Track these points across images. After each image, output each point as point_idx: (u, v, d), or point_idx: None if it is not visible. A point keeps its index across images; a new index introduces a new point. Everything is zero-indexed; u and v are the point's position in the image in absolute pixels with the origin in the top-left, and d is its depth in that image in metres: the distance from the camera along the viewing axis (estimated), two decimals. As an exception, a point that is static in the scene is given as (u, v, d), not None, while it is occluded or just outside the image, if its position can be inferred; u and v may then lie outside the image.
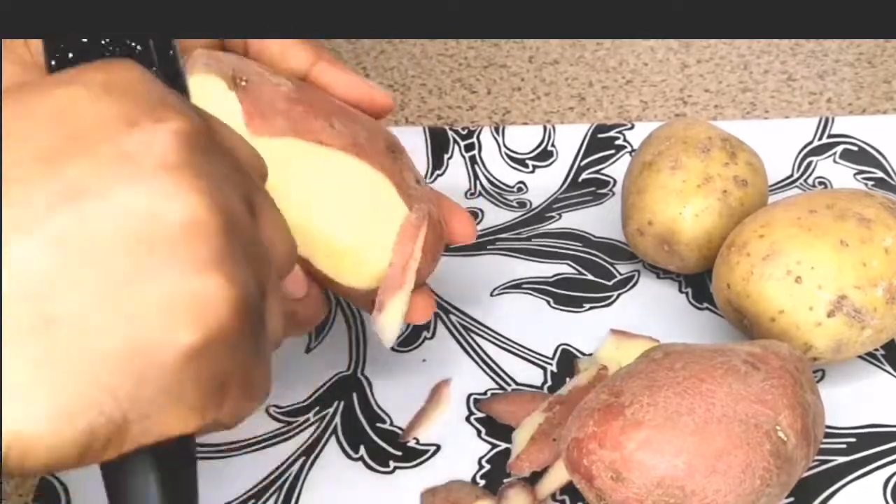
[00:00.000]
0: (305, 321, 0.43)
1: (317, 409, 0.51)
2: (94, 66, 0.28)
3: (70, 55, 0.35)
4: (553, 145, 0.67)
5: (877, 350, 0.52)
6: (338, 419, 0.50)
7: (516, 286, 0.58)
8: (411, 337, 0.55)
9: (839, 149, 0.66)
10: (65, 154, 0.25)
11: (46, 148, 0.25)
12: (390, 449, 0.49)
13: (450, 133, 0.67)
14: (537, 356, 0.53)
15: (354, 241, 0.44)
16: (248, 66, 0.45)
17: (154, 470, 0.28)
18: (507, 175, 0.67)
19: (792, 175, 0.65)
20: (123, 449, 0.26)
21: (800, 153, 0.66)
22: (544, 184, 0.66)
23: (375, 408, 0.51)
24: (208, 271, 0.26)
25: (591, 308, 0.56)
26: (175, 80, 0.35)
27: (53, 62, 0.35)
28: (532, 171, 0.66)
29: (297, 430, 0.50)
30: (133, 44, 0.35)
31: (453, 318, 0.56)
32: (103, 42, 0.35)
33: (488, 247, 0.61)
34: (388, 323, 0.45)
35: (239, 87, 0.44)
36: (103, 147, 0.26)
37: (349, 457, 0.49)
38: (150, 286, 0.25)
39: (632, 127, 0.67)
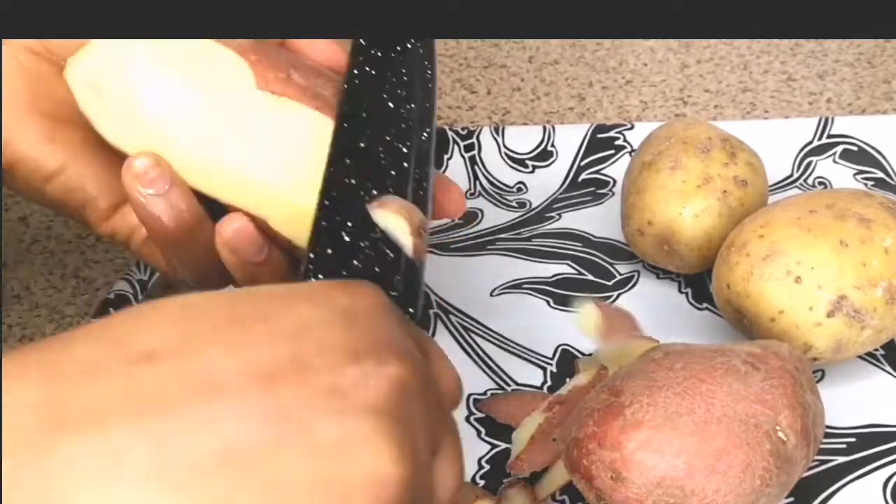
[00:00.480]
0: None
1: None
2: (340, 285, 0.30)
3: (329, 251, 0.38)
4: (553, 145, 0.67)
5: (877, 350, 0.52)
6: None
7: (516, 286, 0.58)
8: (411, 337, 0.55)
9: (839, 149, 0.66)
10: (283, 377, 0.26)
11: (267, 366, 0.26)
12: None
13: (449, 133, 0.67)
14: (537, 356, 0.53)
15: (312, 200, 0.43)
16: None
17: None
18: (507, 175, 0.67)
19: (792, 175, 0.65)
20: None
21: (800, 153, 0.66)
22: (544, 184, 0.66)
23: (375, 408, 0.51)
24: None
25: (591, 308, 0.56)
26: (412, 289, 0.38)
27: (312, 255, 0.38)
28: (532, 172, 0.67)
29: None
30: (387, 251, 0.38)
31: (453, 318, 0.56)
32: (362, 244, 0.38)
33: (488, 247, 0.61)
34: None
35: None
36: (321, 376, 0.26)
37: (349, 457, 0.49)
38: None
39: (632, 127, 0.67)
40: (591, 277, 0.59)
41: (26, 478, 0.23)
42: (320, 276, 0.38)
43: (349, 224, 0.39)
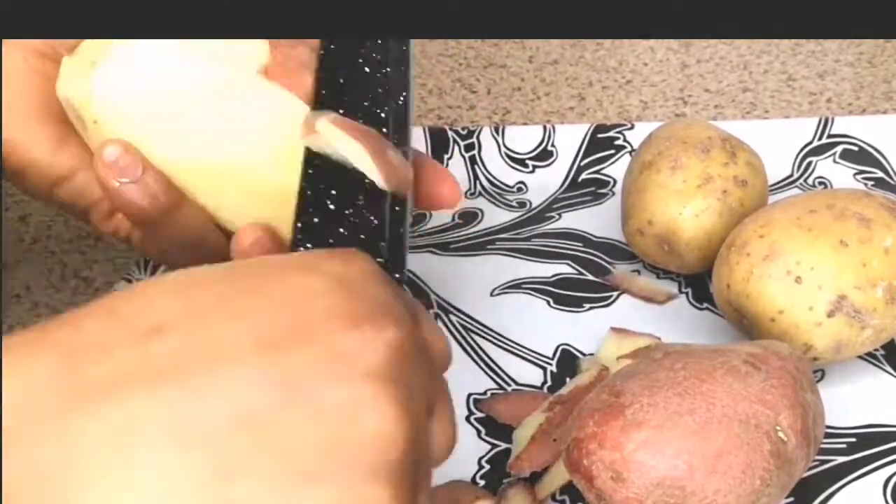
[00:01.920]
0: None
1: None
2: (332, 254, 0.31)
3: (315, 220, 0.38)
4: (553, 145, 0.67)
5: (877, 350, 0.52)
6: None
7: (516, 286, 0.58)
8: (411, 337, 0.55)
9: (839, 149, 0.66)
10: (287, 345, 0.27)
11: (270, 335, 0.27)
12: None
13: (450, 133, 0.67)
14: (537, 356, 0.53)
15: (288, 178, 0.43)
16: None
17: None
18: (507, 175, 0.67)
19: (792, 175, 0.65)
20: None
21: (800, 153, 0.66)
22: (544, 184, 0.66)
23: (375, 408, 0.51)
24: (379, 482, 0.27)
25: (591, 308, 0.56)
26: (398, 253, 0.38)
27: (300, 224, 0.38)
28: (532, 171, 0.67)
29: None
30: (372, 217, 0.39)
31: (453, 318, 0.56)
32: (346, 212, 0.39)
33: (488, 247, 0.61)
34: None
35: None
36: (324, 343, 0.27)
37: (349, 457, 0.49)
38: (327, 484, 0.26)
39: (632, 127, 0.67)
40: (591, 277, 0.59)
41: (48, 447, 0.24)
42: (308, 246, 0.38)
43: (333, 192, 0.39)
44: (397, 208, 0.40)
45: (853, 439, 0.48)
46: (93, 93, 0.42)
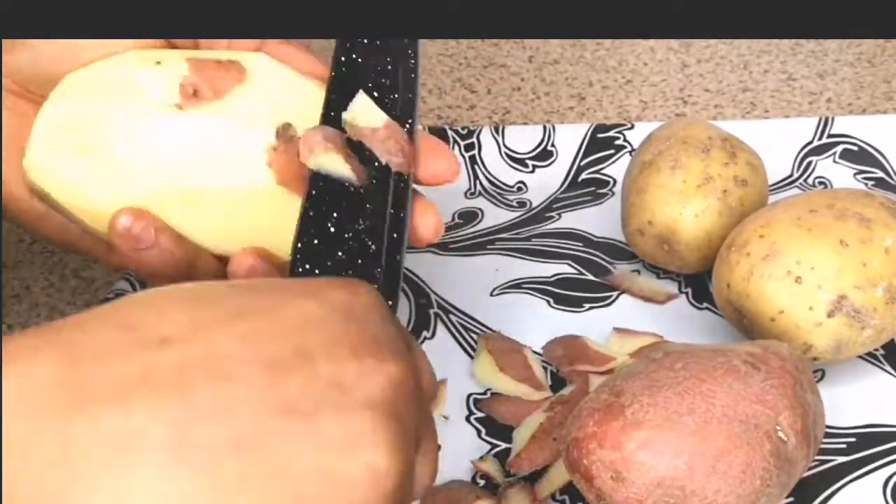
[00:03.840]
0: None
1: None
2: (338, 284, 0.31)
3: (315, 242, 0.39)
4: (553, 145, 0.67)
5: (877, 350, 0.52)
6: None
7: (516, 286, 0.58)
8: (411, 337, 0.55)
9: (839, 149, 0.66)
10: (290, 369, 0.27)
11: (274, 357, 0.27)
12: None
13: (450, 133, 0.67)
14: (537, 356, 0.53)
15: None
16: None
17: None
18: (507, 175, 0.67)
19: (792, 175, 0.65)
20: None
21: (800, 153, 0.66)
22: (544, 183, 0.66)
23: (375, 408, 0.51)
24: None
25: (591, 308, 0.56)
26: (392, 281, 0.39)
27: (300, 245, 0.39)
28: (532, 171, 0.66)
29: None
30: (370, 243, 0.39)
31: (453, 318, 0.56)
32: (346, 236, 0.39)
33: (488, 247, 0.61)
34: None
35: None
36: (324, 371, 0.28)
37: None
38: None
39: (632, 127, 0.67)
40: (591, 277, 0.59)
41: (46, 449, 0.24)
42: (307, 267, 0.39)
43: (335, 215, 0.40)
44: (395, 235, 0.40)
45: (853, 439, 0.48)
46: (29, 168, 0.42)
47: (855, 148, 0.66)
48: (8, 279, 0.62)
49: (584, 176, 0.66)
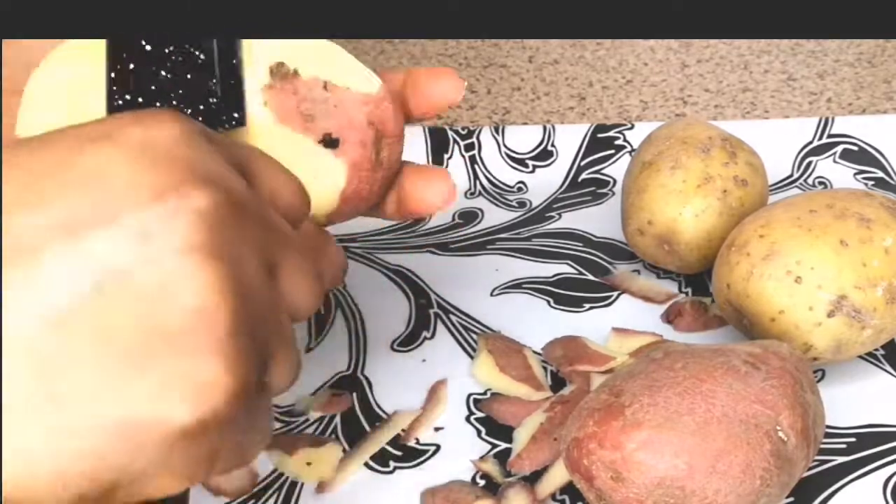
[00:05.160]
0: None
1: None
2: (132, 118, 0.28)
3: (131, 66, 0.34)
4: (553, 145, 0.67)
5: (877, 350, 0.52)
6: (338, 419, 0.50)
7: (516, 286, 0.58)
8: (411, 337, 0.55)
9: (839, 149, 0.66)
10: (87, 224, 0.26)
11: (70, 219, 0.26)
12: (390, 449, 0.49)
13: (449, 133, 0.67)
14: (537, 356, 0.53)
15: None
16: None
17: None
18: (507, 175, 0.67)
19: (792, 175, 0.65)
20: None
21: (800, 153, 0.66)
22: (544, 183, 0.66)
23: (375, 408, 0.51)
24: (210, 357, 0.26)
25: (591, 308, 0.56)
26: (233, 91, 0.34)
27: (113, 74, 0.34)
28: (532, 171, 0.67)
29: (297, 431, 0.50)
30: (197, 52, 0.34)
31: (453, 318, 0.56)
32: (166, 51, 0.34)
33: (488, 247, 0.61)
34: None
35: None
36: (127, 220, 0.26)
37: (349, 457, 0.49)
38: (154, 367, 0.26)
39: (632, 127, 0.67)
40: (591, 277, 0.59)
41: None
42: (127, 98, 0.35)
43: (149, 35, 0.35)
44: (227, 41, 0.36)
45: (853, 439, 0.48)
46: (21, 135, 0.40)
47: (855, 148, 0.66)
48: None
49: (584, 176, 0.66)
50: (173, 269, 0.26)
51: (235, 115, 0.35)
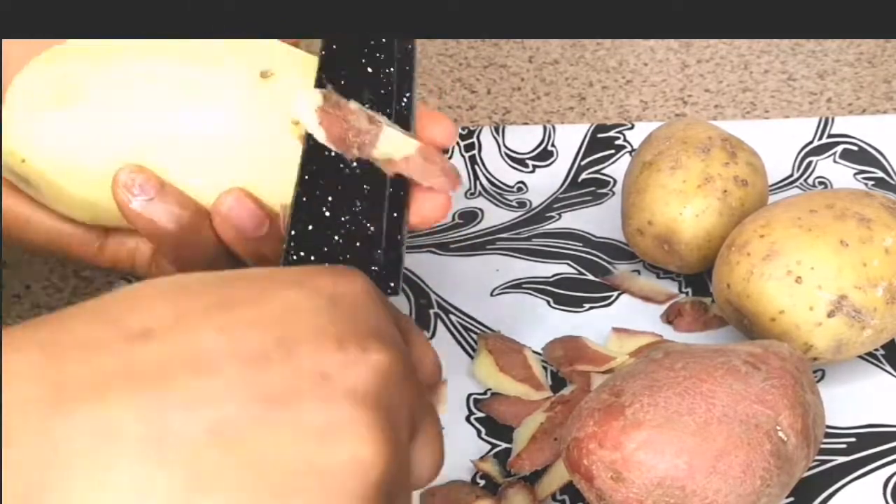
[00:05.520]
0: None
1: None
2: (325, 271, 0.31)
3: (310, 227, 0.38)
4: (553, 145, 0.67)
5: (877, 350, 0.52)
6: (338, 419, 0.50)
7: (516, 286, 0.58)
8: (411, 337, 0.55)
9: (839, 149, 0.66)
10: (270, 360, 0.27)
11: (254, 349, 0.27)
12: (390, 449, 0.49)
13: (450, 133, 0.67)
14: (537, 356, 0.53)
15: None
16: None
17: None
18: (507, 175, 0.67)
19: (792, 175, 0.65)
20: None
21: (800, 153, 0.66)
22: (544, 184, 0.66)
23: (375, 408, 0.51)
24: None
25: (591, 308, 0.56)
26: (394, 264, 0.38)
27: (293, 233, 0.38)
28: (532, 171, 0.66)
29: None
30: (368, 224, 0.38)
31: (453, 318, 0.56)
32: (342, 219, 0.38)
33: (488, 247, 0.61)
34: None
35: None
36: (307, 361, 0.27)
37: (349, 457, 0.48)
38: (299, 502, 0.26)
39: (632, 127, 0.67)
40: (591, 277, 0.59)
41: (27, 445, 0.24)
42: (301, 255, 0.38)
43: (329, 199, 0.39)
44: (395, 214, 0.39)
45: (853, 439, 0.48)
46: (6, 137, 0.41)
47: (855, 148, 0.66)
48: (8, 279, 0.62)
49: (584, 176, 0.66)
50: (340, 414, 0.27)
51: (391, 284, 0.38)
